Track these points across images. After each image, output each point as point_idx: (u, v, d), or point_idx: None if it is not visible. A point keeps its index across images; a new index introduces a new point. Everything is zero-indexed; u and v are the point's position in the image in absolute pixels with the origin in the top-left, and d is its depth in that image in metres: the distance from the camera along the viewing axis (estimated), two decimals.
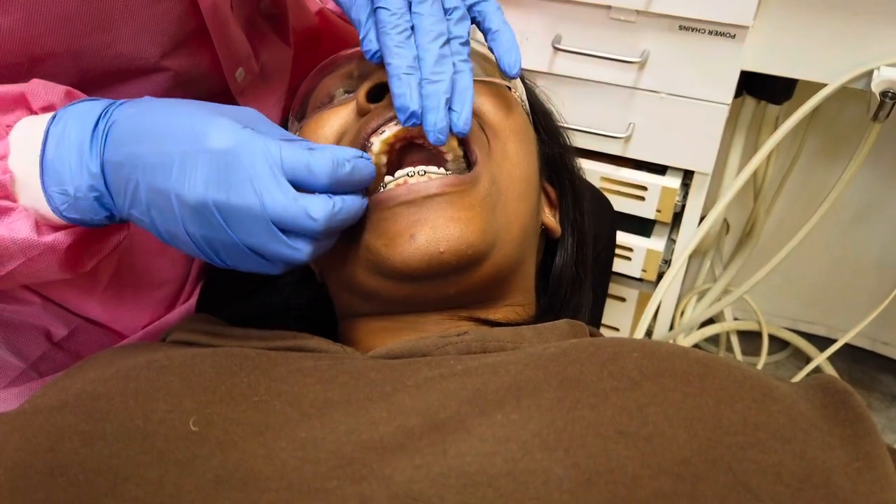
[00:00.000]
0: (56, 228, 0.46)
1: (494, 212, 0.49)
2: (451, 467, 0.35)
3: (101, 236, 0.49)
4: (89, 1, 0.50)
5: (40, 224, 0.45)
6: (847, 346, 1.24)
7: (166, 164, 0.42)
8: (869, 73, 0.95)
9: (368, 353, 0.47)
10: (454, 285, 0.48)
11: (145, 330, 0.64)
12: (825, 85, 0.98)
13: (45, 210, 0.44)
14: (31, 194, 0.44)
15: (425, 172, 0.48)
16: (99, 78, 0.55)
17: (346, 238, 0.47)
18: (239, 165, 0.42)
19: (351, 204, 0.44)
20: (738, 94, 1.10)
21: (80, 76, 0.54)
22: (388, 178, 0.49)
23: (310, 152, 0.43)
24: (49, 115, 0.45)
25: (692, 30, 0.98)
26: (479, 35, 0.54)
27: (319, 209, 0.42)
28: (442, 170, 0.49)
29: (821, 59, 0.97)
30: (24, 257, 0.45)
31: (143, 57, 0.56)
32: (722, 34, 0.97)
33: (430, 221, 0.46)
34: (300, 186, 0.42)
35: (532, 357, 0.42)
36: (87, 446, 0.37)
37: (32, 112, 0.46)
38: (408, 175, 0.48)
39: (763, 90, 1.13)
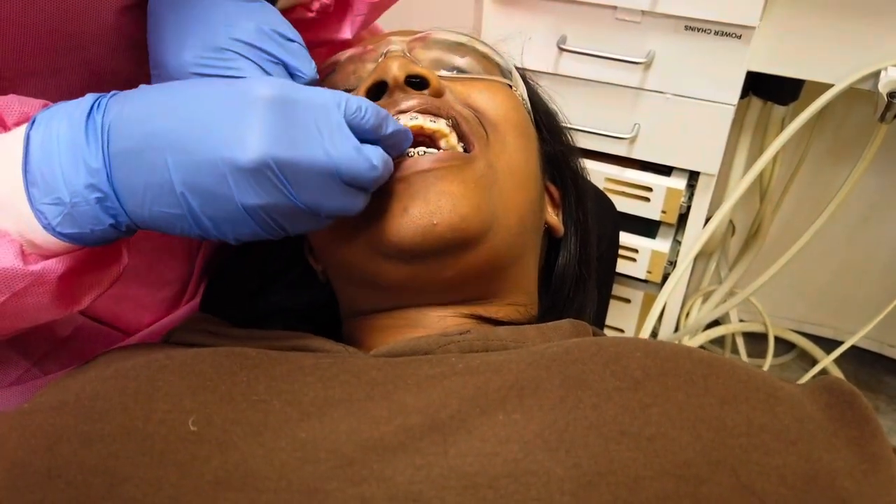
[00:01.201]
0: (46, 257, 0.40)
1: (490, 192, 0.49)
2: (451, 468, 0.35)
3: (99, 262, 0.44)
4: (65, 20, 0.46)
5: (27, 252, 0.39)
6: (853, 348, 1.24)
7: (209, 128, 0.38)
8: (876, 74, 0.94)
9: (370, 351, 0.47)
10: (451, 267, 0.48)
11: (149, 329, 0.64)
12: (832, 86, 0.97)
13: (34, 232, 0.39)
14: (14, 216, 0.39)
15: (425, 152, 0.48)
16: (79, 94, 0.51)
17: (346, 221, 0.46)
18: (296, 115, 0.39)
19: (388, 159, 0.44)
20: (744, 94, 1.10)
21: (61, 95, 0.49)
22: None
23: (358, 97, 0.42)
24: (25, 124, 0.40)
25: (698, 30, 0.97)
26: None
27: (378, 157, 0.42)
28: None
29: (827, 60, 0.97)
30: (9, 291, 0.39)
31: (123, 71, 0.53)
32: (728, 34, 0.96)
33: (422, 194, 0.46)
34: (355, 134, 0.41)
35: (534, 356, 0.42)
36: (85, 447, 0.37)
37: (6, 128, 0.41)
38: (407, 155, 0.48)
39: (769, 91, 1.13)
